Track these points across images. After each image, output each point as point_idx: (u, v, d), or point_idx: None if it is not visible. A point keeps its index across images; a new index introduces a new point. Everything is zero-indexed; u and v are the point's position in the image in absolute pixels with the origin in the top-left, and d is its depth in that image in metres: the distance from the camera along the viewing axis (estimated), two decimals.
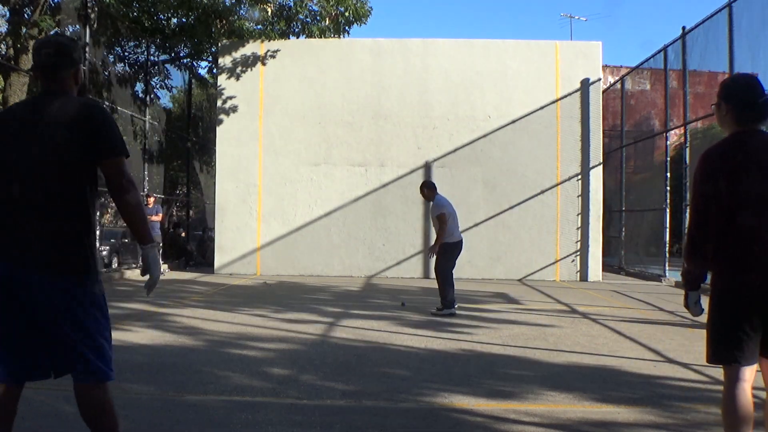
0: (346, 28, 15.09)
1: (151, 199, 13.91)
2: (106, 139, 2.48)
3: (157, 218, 13.77)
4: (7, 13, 12.16)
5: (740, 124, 2.70)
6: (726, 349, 2.63)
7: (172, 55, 17.21)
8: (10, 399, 2.59)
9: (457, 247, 8.32)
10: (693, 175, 2.78)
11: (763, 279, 2.57)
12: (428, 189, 8.57)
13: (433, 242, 8.56)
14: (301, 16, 14.95)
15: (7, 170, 2.42)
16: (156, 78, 16.84)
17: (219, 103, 14.42)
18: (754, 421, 2.69)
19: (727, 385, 2.65)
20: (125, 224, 2.61)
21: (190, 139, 17.65)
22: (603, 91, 15.16)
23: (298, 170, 14.16)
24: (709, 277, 2.80)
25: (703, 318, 2.85)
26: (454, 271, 8.41)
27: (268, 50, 14.31)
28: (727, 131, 2.76)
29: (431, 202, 8.49)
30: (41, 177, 2.40)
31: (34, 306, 2.38)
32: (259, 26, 15.11)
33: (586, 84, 13.95)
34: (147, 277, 2.58)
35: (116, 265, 15.97)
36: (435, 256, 8.29)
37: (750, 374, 2.64)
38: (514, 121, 13.99)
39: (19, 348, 2.43)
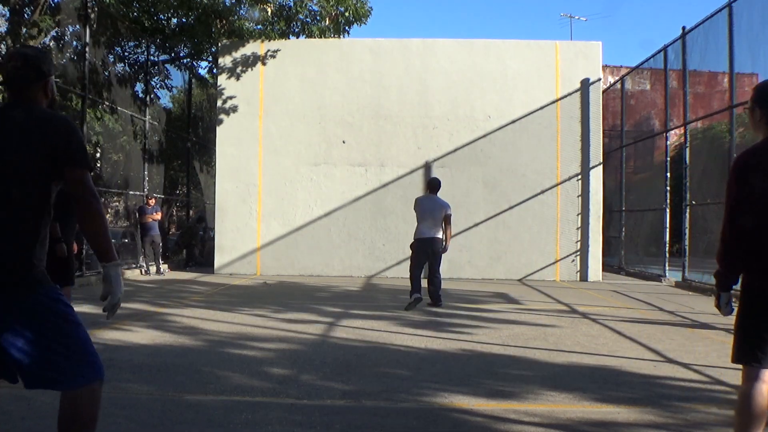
0: (346, 28, 15.09)
1: (152, 201, 13.93)
2: (66, 149, 2.34)
3: (156, 217, 13.82)
4: (7, 13, 12.15)
5: None
6: (749, 349, 2.67)
7: (172, 55, 17.20)
8: None
9: (416, 244, 8.73)
10: (728, 178, 2.82)
11: None
12: (426, 184, 9.29)
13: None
14: (301, 16, 14.94)
15: None
16: (156, 78, 16.84)
17: (219, 103, 14.42)
18: None
19: (744, 384, 2.69)
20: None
21: (190, 139, 17.65)
22: (603, 91, 15.15)
23: (298, 170, 14.16)
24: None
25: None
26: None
27: (268, 50, 14.31)
28: (760, 135, 2.79)
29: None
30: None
31: None
32: (259, 26, 15.10)
33: (586, 84, 13.95)
34: (107, 299, 2.40)
35: None
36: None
37: None
38: (514, 121, 13.99)
39: None
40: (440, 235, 8.69)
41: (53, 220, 6.88)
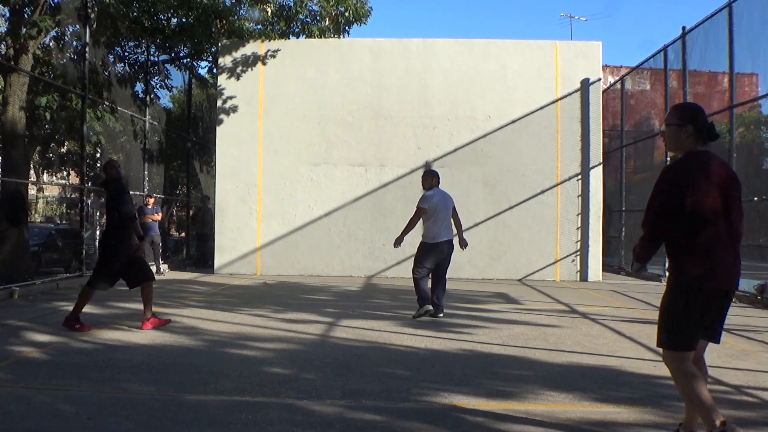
0: (346, 28, 15.08)
1: (151, 200, 13.93)
2: None
3: (156, 218, 13.82)
4: (7, 13, 12.14)
5: (699, 145, 3.22)
6: (686, 339, 3.14)
7: (172, 55, 17.19)
8: None
9: (434, 248, 7.69)
10: (657, 181, 3.22)
11: (722, 282, 3.10)
12: (431, 176, 8.07)
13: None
14: (301, 16, 14.93)
15: None
16: (156, 78, 16.83)
17: (219, 103, 14.42)
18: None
19: (677, 366, 3.15)
20: None
21: (190, 139, 17.65)
22: (603, 91, 15.15)
23: (298, 170, 14.16)
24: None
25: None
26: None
27: (268, 50, 14.31)
28: (680, 151, 3.25)
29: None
30: None
31: None
32: (259, 26, 15.09)
33: (586, 84, 13.95)
34: None
35: None
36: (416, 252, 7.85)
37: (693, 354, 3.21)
38: (514, 121, 13.99)
39: None
40: (453, 234, 7.92)
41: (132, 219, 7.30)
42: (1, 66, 11.44)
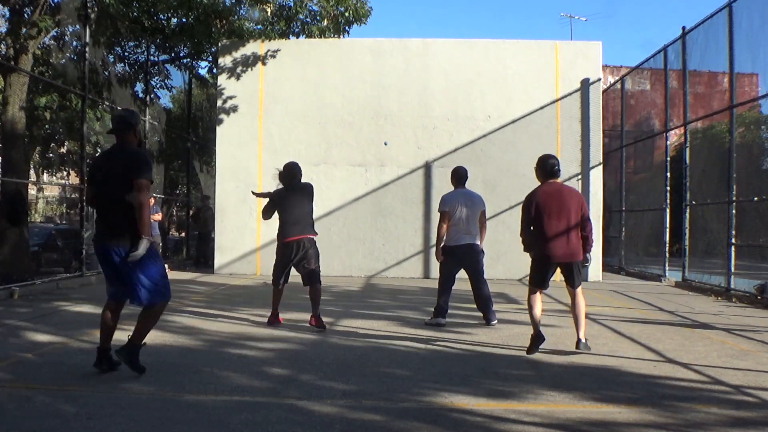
0: (346, 28, 15.08)
1: (151, 201, 13.94)
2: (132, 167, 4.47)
3: (157, 218, 13.83)
4: (7, 13, 12.14)
5: (546, 179, 5.93)
6: (537, 283, 5.71)
7: (172, 55, 17.20)
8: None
9: (449, 252, 7.32)
10: (524, 202, 5.88)
11: (552, 254, 5.56)
12: (453, 176, 7.58)
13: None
14: (301, 16, 14.94)
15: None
16: (156, 78, 16.84)
17: (219, 103, 14.41)
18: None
19: (531, 297, 5.74)
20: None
21: (190, 139, 17.65)
22: (603, 91, 15.14)
23: None
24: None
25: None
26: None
27: (268, 50, 14.30)
28: (540, 182, 5.91)
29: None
30: None
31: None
32: (259, 26, 15.10)
33: (586, 84, 13.95)
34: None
35: None
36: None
37: (540, 294, 5.76)
38: (514, 121, 13.98)
39: None
40: (479, 239, 7.42)
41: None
42: (1, 66, 11.44)
